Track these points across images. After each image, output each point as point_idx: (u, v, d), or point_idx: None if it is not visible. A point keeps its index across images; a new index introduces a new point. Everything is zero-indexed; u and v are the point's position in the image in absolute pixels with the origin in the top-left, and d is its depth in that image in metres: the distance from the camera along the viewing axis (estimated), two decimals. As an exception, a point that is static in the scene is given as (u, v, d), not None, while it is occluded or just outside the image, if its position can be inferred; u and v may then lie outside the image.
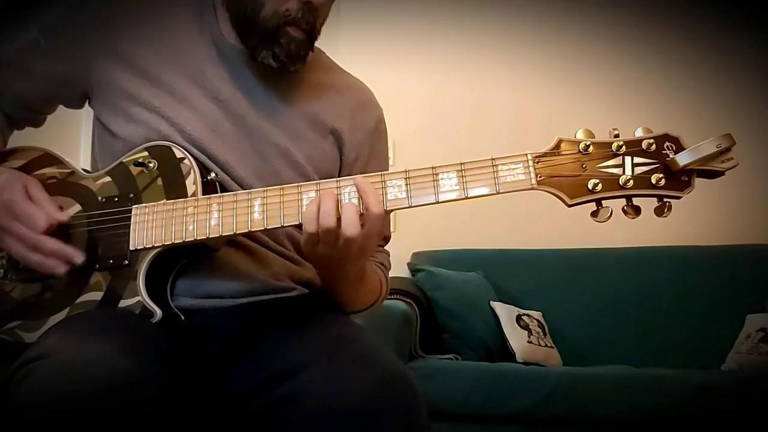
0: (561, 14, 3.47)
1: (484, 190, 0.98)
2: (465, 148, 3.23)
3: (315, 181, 1.04)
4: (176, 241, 1.04)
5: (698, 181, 0.98)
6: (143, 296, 1.03)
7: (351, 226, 0.97)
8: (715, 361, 2.60)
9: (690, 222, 3.10)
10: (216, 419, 1.03)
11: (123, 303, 1.04)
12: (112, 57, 1.16)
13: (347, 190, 1.01)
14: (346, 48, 3.47)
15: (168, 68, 1.16)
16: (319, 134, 1.23)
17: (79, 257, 1.04)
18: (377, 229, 0.99)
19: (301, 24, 1.13)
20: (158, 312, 1.02)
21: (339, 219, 0.97)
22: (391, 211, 1.02)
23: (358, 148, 1.26)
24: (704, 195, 3.57)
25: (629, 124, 1.02)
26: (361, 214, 0.98)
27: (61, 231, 1.06)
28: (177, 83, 1.16)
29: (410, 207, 0.99)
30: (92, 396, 0.82)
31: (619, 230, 3.14)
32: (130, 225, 1.06)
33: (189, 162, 1.09)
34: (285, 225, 1.03)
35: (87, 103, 1.23)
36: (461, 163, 0.99)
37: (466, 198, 0.99)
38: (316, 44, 1.29)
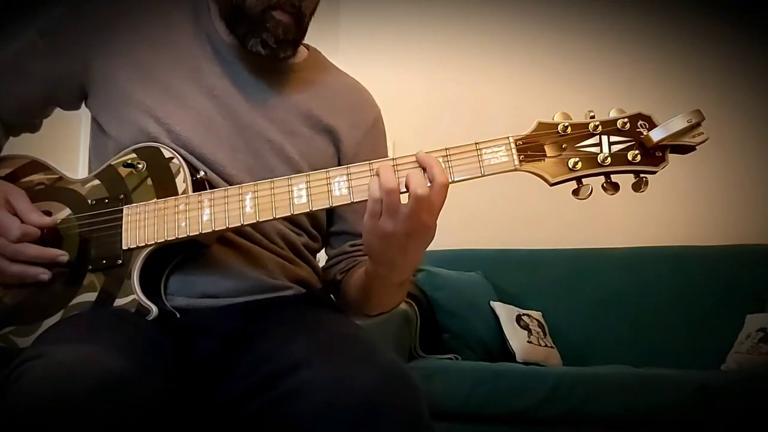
0: (562, 14, 3.46)
1: (470, 173, 1.00)
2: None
3: (305, 173, 1.04)
4: (169, 238, 1.04)
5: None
6: (138, 293, 1.03)
7: (420, 186, 0.96)
8: (715, 361, 2.59)
9: (690, 222, 3.10)
10: (215, 419, 1.03)
11: (118, 302, 1.04)
12: (110, 56, 1.16)
13: (337, 180, 1.02)
14: (346, 48, 3.48)
15: (164, 66, 1.17)
16: (313, 131, 1.23)
17: (63, 256, 1.04)
18: (440, 202, 0.98)
19: (285, 7, 1.14)
20: (154, 309, 1.02)
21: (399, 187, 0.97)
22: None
23: (358, 146, 1.26)
24: (704, 195, 3.58)
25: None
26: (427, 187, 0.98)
27: (52, 237, 1.06)
28: (172, 80, 1.16)
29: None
30: (84, 395, 0.81)
31: (619, 230, 3.15)
32: (121, 225, 1.07)
33: (178, 161, 1.09)
34: (277, 216, 1.03)
35: (84, 104, 1.23)
36: (446, 149, 1.01)
37: (453, 182, 1.00)
38: (314, 45, 1.29)
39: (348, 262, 1.26)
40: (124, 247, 1.05)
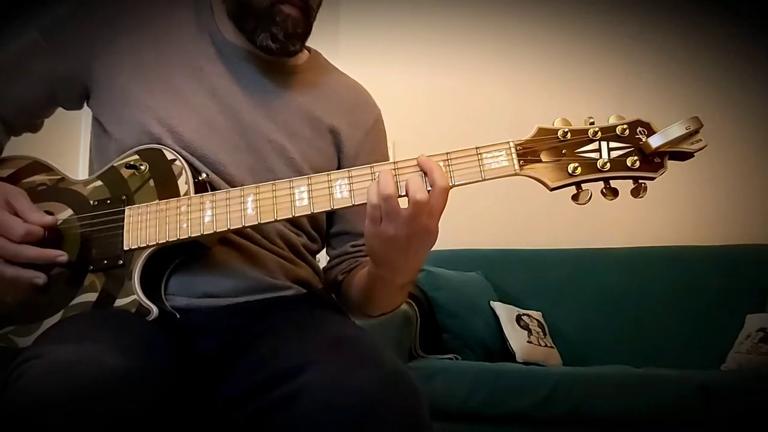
0: (562, 16, 3.46)
1: (470, 178, 1.00)
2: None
3: (306, 176, 1.04)
4: (171, 240, 1.04)
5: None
6: (139, 294, 1.03)
7: (419, 192, 0.96)
8: (715, 361, 2.59)
9: (690, 222, 3.10)
10: (215, 419, 1.03)
11: (118, 303, 1.04)
12: (113, 55, 1.17)
13: (338, 183, 1.02)
14: (346, 48, 3.48)
15: (166, 65, 1.17)
16: (316, 132, 1.23)
17: (62, 256, 1.03)
18: (441, 206, 0.98)
19: (293, 0, 1.14)
20: (154, 310, 1.02)
21: (397, 193, 0.97)
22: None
23: (359, 146, 1.27)
24: (705, 195, 3.58)
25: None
26: (427, 191, 0.98)
27: (52, 238, 1.06)
28: (174, 80, 1.16)
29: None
30: (84, 394, 0.82)
31: (620, 230, 3.15)
32: (123, 225, 1.07)
33: (180, 163, 1.10)
34: (278, 218, 1.03)
35: (86, 103, 1.23)
36: (447, 153, 1.01)
37: (453, 186, 1.00)
38: (314, 45, 1.29)
39: (350, 262, 1.26)
40: (126, 248, 1.05)
